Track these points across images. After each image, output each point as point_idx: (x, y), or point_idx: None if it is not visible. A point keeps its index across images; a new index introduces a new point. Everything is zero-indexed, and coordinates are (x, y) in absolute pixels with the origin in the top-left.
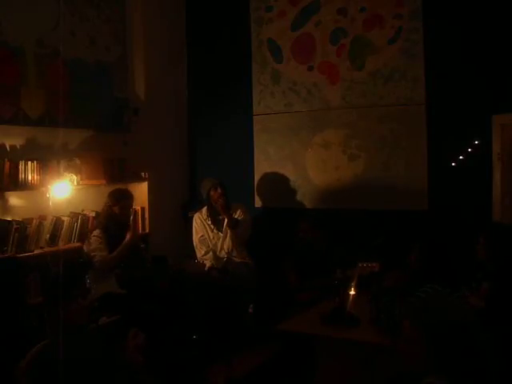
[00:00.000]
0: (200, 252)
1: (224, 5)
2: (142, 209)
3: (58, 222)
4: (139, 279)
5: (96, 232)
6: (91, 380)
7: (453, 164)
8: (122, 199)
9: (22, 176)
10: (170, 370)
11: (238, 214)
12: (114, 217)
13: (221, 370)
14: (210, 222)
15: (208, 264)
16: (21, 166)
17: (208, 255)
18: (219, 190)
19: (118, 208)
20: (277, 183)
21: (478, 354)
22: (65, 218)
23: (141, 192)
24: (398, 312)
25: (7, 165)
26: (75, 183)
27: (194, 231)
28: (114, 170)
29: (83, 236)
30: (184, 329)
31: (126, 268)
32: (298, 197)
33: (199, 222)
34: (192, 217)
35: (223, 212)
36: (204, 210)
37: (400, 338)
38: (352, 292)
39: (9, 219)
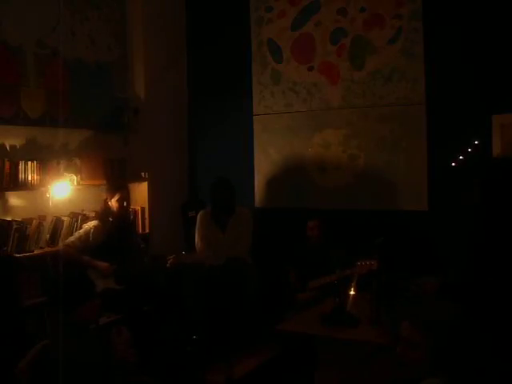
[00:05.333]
0: (201, 250)
1: (224, 5)
2: (142, 209)
3: (57, 222)
4: (137, 276)
5: (93, 222)
6: (90, 380)
7: (453, 164)
8: (116, 192)
9: (21, 176)
10: (169, 370)
11: (240, 222)
12: (112, 210)
13: (221, 370)
14: (213, 221)
15: (208, 262)
16: (21, 166)
17: (209, 253)
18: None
19: (113, 201)
20: (277, 183)
21: (478, 353)
22: (65, 218)
23: (141, 192)
24: (399, 312)
25: (7, 165)
26: (75, 183)
27: (197, 229)
28: (114, 170)
29: None
30: (184, 328)
31: (124, 264)
32: (299, 197)
33: (203, 220)
34: (192, 217)
35: None
36: (209, 209)
37: (400, 339)
38: (352, 292)
39: (9, 219)
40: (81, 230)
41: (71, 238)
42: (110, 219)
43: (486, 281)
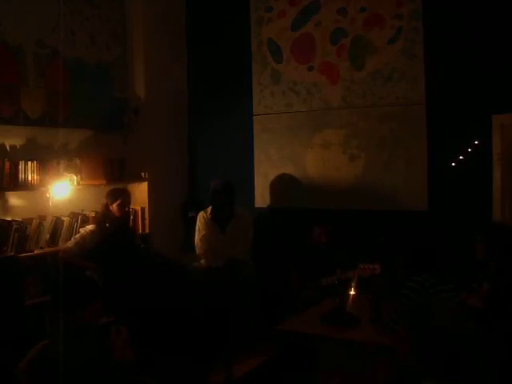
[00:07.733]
0: (200, 251)
1: (224, 5)
2: (142, 209)
3: (57, 222)
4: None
5: (90, 227)
6: (90, 380)
7: (453, 164)
8: (118, 197)
9: (21, 176)
10: (169, 370)
11: (240, 226)
12: (111, 215)
13: (221, 370)
14: (213, 222)
15: (206, 263)
16: (21, 166)
17: (208, 254)
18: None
19: (114, 206)
20: (277, 183)
21: (465, 359)
22: (65, 218)
23: (141, 192)
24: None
25: (7, 165)
26: (75, 183)
27: (197, 229)
28: (114, 170)
29: None
30: (184, 328)
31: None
32: (298, 197)
33: (203, 220)
34: (192, 217)
35: None
36: (209, 209)
37: (397, 335)
38: (352, 292)
39: (9, 219)
40: (77, 235)
41: (68, 244)
42: (107, 224)
43: None
